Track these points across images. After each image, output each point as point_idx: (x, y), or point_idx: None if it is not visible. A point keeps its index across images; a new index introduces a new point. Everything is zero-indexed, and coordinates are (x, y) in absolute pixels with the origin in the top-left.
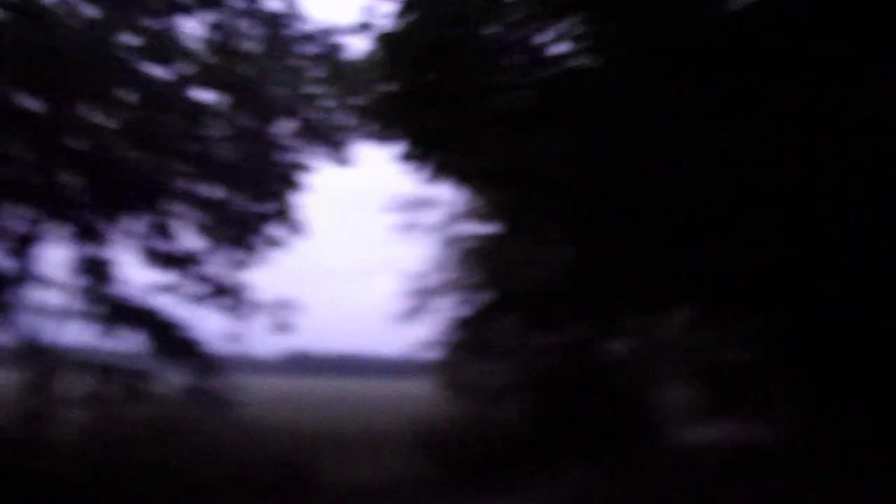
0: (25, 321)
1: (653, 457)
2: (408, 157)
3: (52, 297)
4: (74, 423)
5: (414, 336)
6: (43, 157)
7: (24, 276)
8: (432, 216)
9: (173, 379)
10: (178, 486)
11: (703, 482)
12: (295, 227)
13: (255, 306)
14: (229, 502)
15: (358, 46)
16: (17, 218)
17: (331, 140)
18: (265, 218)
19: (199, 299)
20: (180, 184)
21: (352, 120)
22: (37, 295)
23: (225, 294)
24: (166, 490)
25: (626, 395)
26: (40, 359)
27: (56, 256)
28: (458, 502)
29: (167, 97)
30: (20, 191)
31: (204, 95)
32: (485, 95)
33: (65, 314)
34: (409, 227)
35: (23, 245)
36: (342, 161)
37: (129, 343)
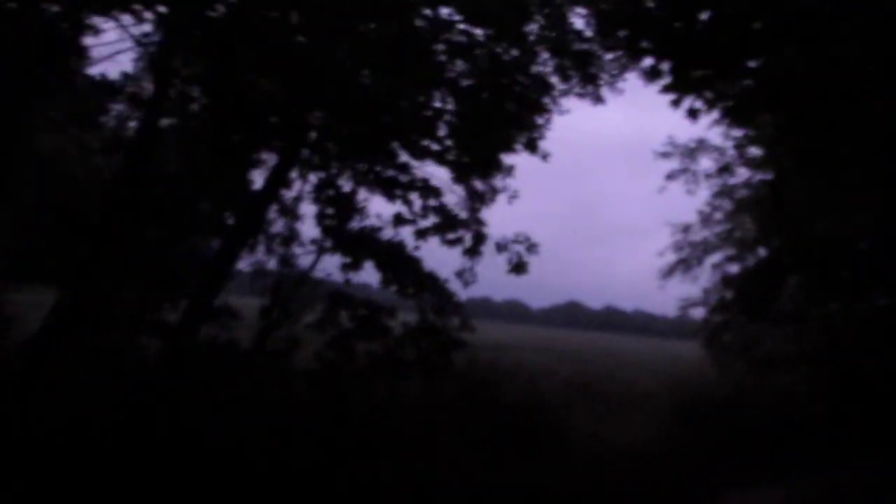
0: (273, 249)
1: None
2: (669, 83)
3: (298, 228)
4: (312, 351)
5: (684, 294)
6: (291, 88)
7: (274, 207)
8: (705, 162)
9: (410, 315)
10: (408, 426)
11: None
12: (544, 158)
13: (493, 243)
14: (463, 448)
15: None
16: (269, 149)
17: (587, 70)
18: (509, 149)
19: (438, 234)
20: (421, 113)
21: (607, 46)
22: (284, 225)
23: (462, 228)
24: (398, 429)
25: None
26: (285, 286)
27: (303, 188)
28: (716, 480)
29: (415, 28)
30: (272, 123)
31: (452, 24)
32: None
33: (309, 244)
34: (681, 175)
35: (274, 176)
36: (598, 91)
37: (369, 276)
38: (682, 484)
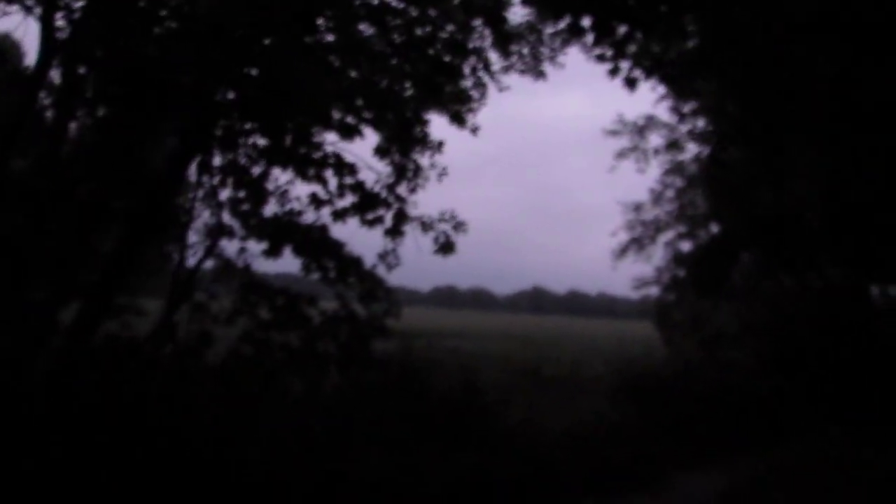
0: (184, 239)
1: None
2: (594, 40)
3: (209, 215)
4: (225, 345)
5: (637, 274)
6: (194, 64)
7: (181, 190)
8: (655, 139)
9: (332, 303)
10: (334, 422)
11: None
12: (473, 132)
13: (417, 223)
14: (393, 445)
15: None
16: (172, 130)
17: (500, 28)
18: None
19: (357, 214)
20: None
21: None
22: (194, 213)
23: (382, 207)
24: (317, 429)
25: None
26: (184, 275)
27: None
28: (659, 461)
29: None
30: (175, 98)
31: None
32: None
33: (222, 232)
34: (631, 154)
35: (177, 158)
36: (539, 67)
37: (288, 263)
38: (623, 466)
